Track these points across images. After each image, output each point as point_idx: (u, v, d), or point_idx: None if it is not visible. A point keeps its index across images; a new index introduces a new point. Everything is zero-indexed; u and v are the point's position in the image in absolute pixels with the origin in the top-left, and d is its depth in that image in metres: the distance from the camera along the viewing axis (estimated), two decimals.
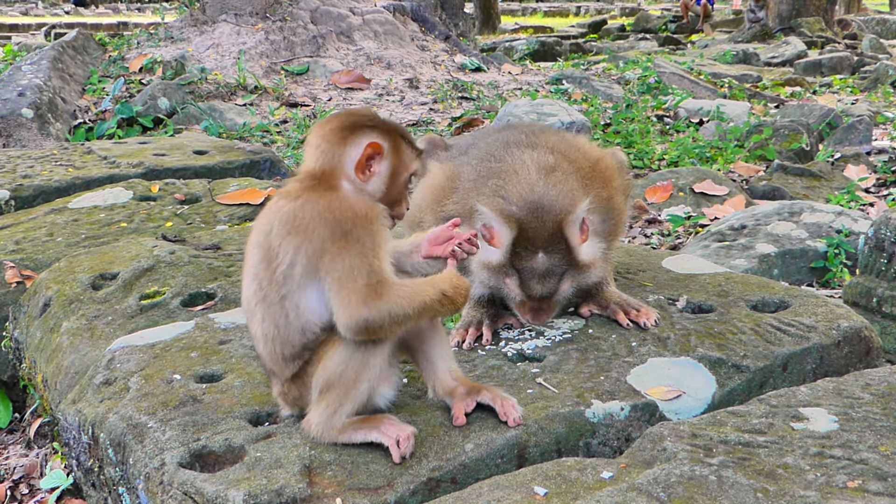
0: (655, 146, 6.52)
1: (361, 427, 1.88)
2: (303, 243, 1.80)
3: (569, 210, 2.22)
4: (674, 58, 12.21)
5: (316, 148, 1.92)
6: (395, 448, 1.85)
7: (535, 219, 2.22)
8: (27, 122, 6.56)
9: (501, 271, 2.26)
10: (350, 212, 1.82)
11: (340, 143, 1.90)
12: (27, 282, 3.15)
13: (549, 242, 2.22)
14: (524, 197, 2.25)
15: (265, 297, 1.85)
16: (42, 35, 15.32)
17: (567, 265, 2.25)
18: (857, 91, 10.17)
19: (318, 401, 1.87)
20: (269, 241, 1.85)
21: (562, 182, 2.30)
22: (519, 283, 2.25)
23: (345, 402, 1.86)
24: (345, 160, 1.89)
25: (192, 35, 9.04)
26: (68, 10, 27.16)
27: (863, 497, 1.64)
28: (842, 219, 4.19)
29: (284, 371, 1.90)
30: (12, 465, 2.77)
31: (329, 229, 1.79)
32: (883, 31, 19.18)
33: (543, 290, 2.25)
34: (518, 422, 1.95)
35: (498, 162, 2.39)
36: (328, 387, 1.85)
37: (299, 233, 1.81)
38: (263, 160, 4.82)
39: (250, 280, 1.89)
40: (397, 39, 9.61)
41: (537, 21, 28.82)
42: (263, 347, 1.90)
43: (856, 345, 2.41)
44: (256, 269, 1.87)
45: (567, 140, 2.56)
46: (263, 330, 1.88)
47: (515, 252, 2.23)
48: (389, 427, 1.87)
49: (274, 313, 1.85)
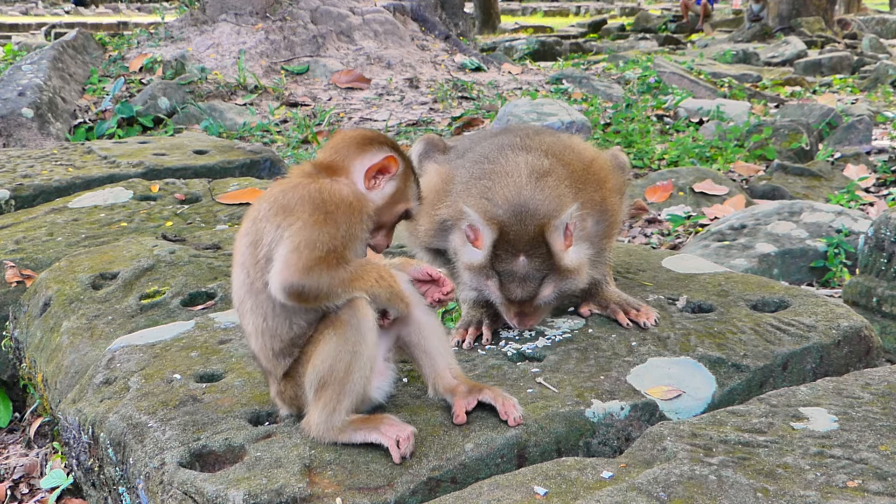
0: (655, 146, 6.52)
1: (361, 427, 1.88)
2: (284, 220, 1.80)
3: (553, 215, 2.22)
4: (674, 57, 12.22)
5: (333, 146, 1.96)
6: (394, 448, 1.85)
7: (518, 222, 2.22)
8: (27, 122, 6.56)
9: (483, 273, 2.26)
10: (338, 196, 1.84)
11: (359, 148, 1.95)
12: (27, 281, 3.15)
13: (529, 246, 2.22)
14: (509, 200, 2.25)
15: (252, 284, 1.85)
16: (42, 35, 15.34)
17: (548, 270, 2.24)
18: (856, 91, 10.17)
19: (316, 400, 1.87)
20: (256, 226, 1.85)
21: (551, 186, 2.29)
22: (499, 285, 2.26)
23: (342, 398, 1.85)
24: (356, 163, 1.93)
25: (193, 35, 9.04)
26: (68, 9, 27.15)
27: (863, 497, 1.64)
28: (842, 218, 4.19)
29: (277, 368, 1.91)
30: (12, 465, 2.77)
31: (312, 206, 1.80)
32: (883, 30, 19.18)
33: (522, 294, 2.25)
34: (519, 421, 1.95)
35: (490, 164, 2.39)
36: (322, 384, 1.85)
37: (283, 212, 1.81)
38: (263, 160, 4.82)
39: (239, 270, 1.89)
40: (397, 39, 9.61)
41: (537, 21, 28.83)
42: (255, 343, 1.90)
43: (856, 344, 2.41)
44: (244, 258, 1.86)
45: (562, 141, 2.56)
46: (254, 323, 1.88)
47: (496, 254, 2.23)
48: (389, 427, 1.87)
49: (261, 302, 1.85)
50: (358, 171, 1.93)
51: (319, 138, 6.76)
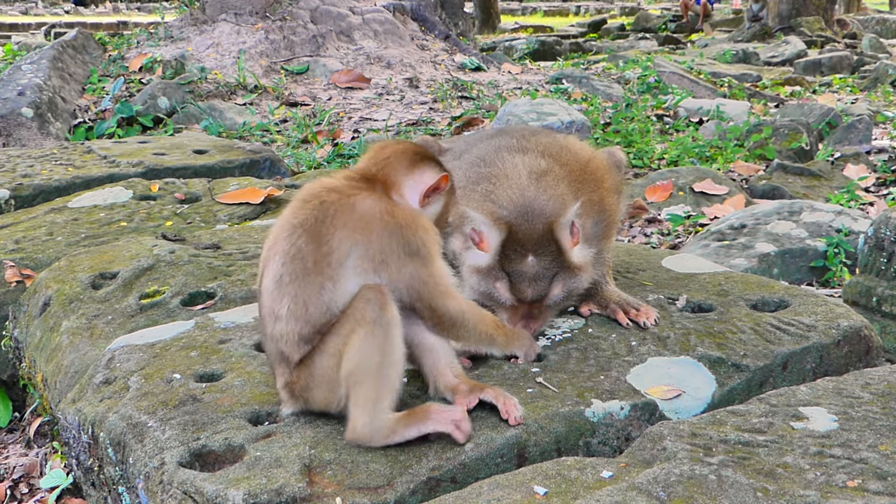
0: (655, 145, 6.52)
1: (412, 423, 1.89)
2: (360, 241, 1.88)
3: (559, 213, 2.22)
4: (673, 57, 12.21)
5: (380, 159, 2.02)
6: (457, 432, 1.88)
7: (525, 222, 2.22)
8: (27, 122, 6.55)
9: (491, 275, 2.26)
10: (406, 217, 1.92)
11: (412, 164, 2.02)
12: (27, 281, 3.15)
13: (538, 245, 2.22)
14: (514, 201, 2.25)
15: (306, 275, 1.87)
16: (42, 34, 15.33)
17: (557, 268, 2.25)
18: (856, 90, 10.17)
19: (353, 403, 1.87)
20: (319, 228, 1.89)
21: (552, 186, 2.30)
22: (509, 286, 2.25)
23: (381, 394, 1.86)
24: (408, 181, 2.00)
25: (192, 34, 9.04)
26: (68, 9, 27.16)
27: (862, 496, 1.64)
28: (841, 218, 4.19)
29: (294, 354, 1.90)
30: (12, 465, 2.77)
31: (389, 234, 1.89)
32: (882, 30, 19.18)
33: (534, 294, 2.25)
34: (519, 420, 1.95)
35: (488, 167, 2.39)
36: (355, 381, 1.85)
37: (357, 230, 1.88)
38: (263, 159, 4.82)
39: (289, 258, 1.89)
40: (397, 39, 9.61)
41: (537, 20, 28.82)
42: (283, 326, 1.89)
43: (855, 344, 2.41)
44: (299, 250, 1.88)
45: (558, 142, 2.56)
46: (291, 308, 1.88)
47: (505, 255, 2.23)
48: (440, 414, 1.89)
49: (309, 293, 1.87)
50: (411, 188, 2.00)
51: (319, 138, 6.76)
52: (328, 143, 6.71)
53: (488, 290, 2.28)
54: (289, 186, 4.21)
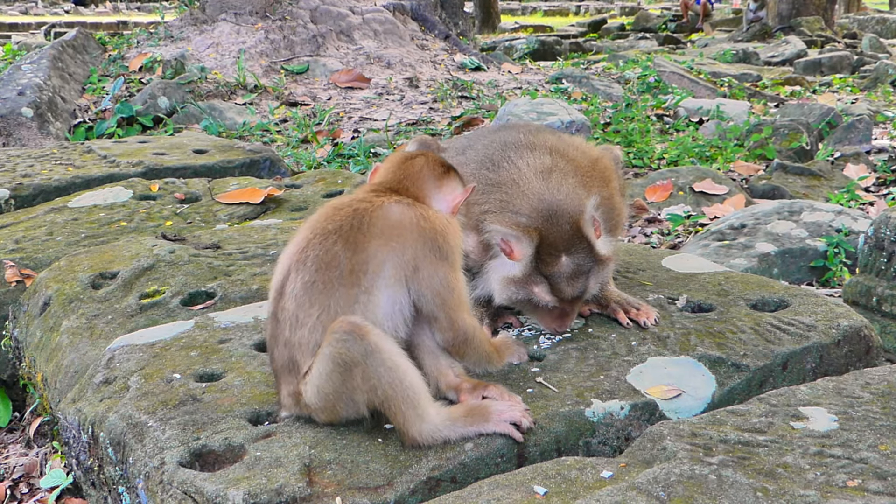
0: (655, 145, 6.52)
1: (470, 422, 1.91)
2: (395, 249, 1.89)
3: (581, 210, 2.25)
4: (673, 57, 12.21)
5: (416, 172, 2.05)
6: (516, 432, 1.90)
7: (553, 225, 2.24)
8: (27, 121, 6.55)
9: (529, 281, 2.26)
10: (442, 223, 1.95)
11: (441, 177, 2.07)
12: (27, 281, 3.15)
13: (570, 244, 2.24)
14: (535, 207, 2.26)
15: (341, 285, 1.86)
16: (42, 34, 15.34)
17: (591, 262, 2.27)
18: (856, 90, 10.17)
19: (394, 418, 1.86)
20: (355, 235, 1.89)
21: (564, 183, 2.32)
22: (549, 288, 2.26)
23: (414, 398, 1.84)
24: (438, 193, 2.05)
25: (192, 34, 9.04)
26: (68, 9, 27.16)
27: (862, 496, 1.64)
28: (842, 218, 4.19)
29: (306, 364, 1.88)
30: (12, 464, 2.77)
31: (423, 239, 1.91)
32: (882, 30, 19.18)
33: (574, 291, 2.27)
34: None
35: (497, 171, 2.38)
36: (380, 401, 1.84)
37: (393, 237, 1.90)
38: (263, 159, 4.82)
39: (324, 265, 1.87)
40: (397, 38, 9.60)
41: (537, 20, 28.83)
42: (307, 334, 1.87)
43: (855, 344, 2.41)
44: (335, 257, 1.87)
45: (564, 140, 2.56)
46: (321, 318, 1.85)
47: (540, 259, 2.23)
48: (501, 415, 1.91)
49: (343, 304, 1.85)
50: (440, 201, 2.04)
51: (319, 138, 6.76)
52: (328, 143, 6.71)
53: (527, 296, 2.28)
54: (289, 186, 4.21)
